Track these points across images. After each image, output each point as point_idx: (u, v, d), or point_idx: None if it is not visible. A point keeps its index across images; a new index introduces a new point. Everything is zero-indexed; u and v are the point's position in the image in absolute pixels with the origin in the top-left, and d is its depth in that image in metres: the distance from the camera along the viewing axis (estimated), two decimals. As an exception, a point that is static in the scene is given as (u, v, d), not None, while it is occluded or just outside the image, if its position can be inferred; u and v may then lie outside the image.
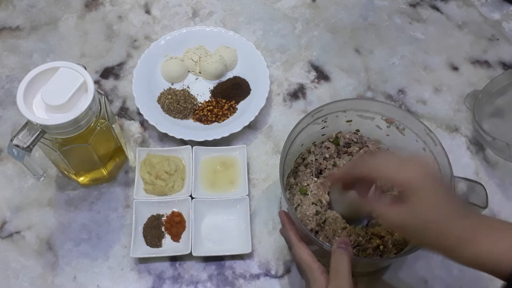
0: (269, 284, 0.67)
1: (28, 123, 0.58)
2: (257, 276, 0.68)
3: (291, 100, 0.83)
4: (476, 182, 0.59)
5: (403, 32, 0.92)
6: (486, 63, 0.88)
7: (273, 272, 0.68)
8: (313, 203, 0.65)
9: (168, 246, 0.69)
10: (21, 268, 0.68)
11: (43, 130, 0.58)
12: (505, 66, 0.88)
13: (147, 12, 0.93)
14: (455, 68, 0.88)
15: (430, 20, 0.93)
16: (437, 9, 0.94)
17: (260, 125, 0.80)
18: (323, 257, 0.56)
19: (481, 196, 0.58)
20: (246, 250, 0.67)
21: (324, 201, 0.65)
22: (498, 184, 0.75)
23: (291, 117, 0.81)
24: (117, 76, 0.85)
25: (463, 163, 0.77)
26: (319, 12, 0.93)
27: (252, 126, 0.80)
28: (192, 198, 0.70)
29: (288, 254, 0.69)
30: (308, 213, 0.63)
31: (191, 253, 0.66)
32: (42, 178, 0.66)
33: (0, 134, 0.78)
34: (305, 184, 0.67)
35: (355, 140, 0.70)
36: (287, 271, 0.68)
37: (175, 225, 0.69)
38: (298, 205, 0.65)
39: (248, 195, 0.71)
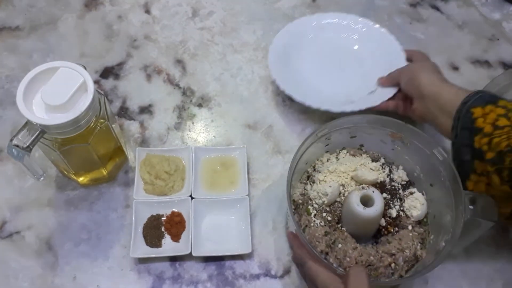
0: (269, 284, 0.67)
1: (27, 123, 0.58)
2: (257, 276, 0.68)
3: (291, 100, 0.83)
4: (486, 196, 0.59)
5: (403, 32, 0.91)
6: (486, 63, 0.88)
7: (273, 272, 0.68)
8: (321, 224, 0.64)
9: (168, 246, 0.69)
10: (21, 268, 0.68)
11: (43, 130, 0.58)
12: (505, 66, 0.88)
13: (147, 12, 0.93)
14: (455, 68, 0.87)
15: (430, 20, 0.93)
16: (437, 9, 0.94)
17: (260, 125, 0.80)
18: None
19: (492, 210, 0.58)
20: (246, 250, 0.67)
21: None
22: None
23: (291, 117, 0.81)
24: (117, 76, 0.85)
25: (463, 163, 0.77)
26: (319, 12, 0.93)
27: (252, 126, 0.80)
28: (192, 198, 0.70)
29: (288, 254, 0.69)
30: (317, 234, 0.63)
31: (191, 253, 0.66)
32: (42, 178, 0.66)
33: (0, 134, 0.78)
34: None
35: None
36: (287, 271, 0.68)
37: (175, 225, 0.69)
38: (306, 226, 0.64)
39: (248, 195, 0.71)
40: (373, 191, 0.62)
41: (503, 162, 0.55)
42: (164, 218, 0.70)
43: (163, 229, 0.70)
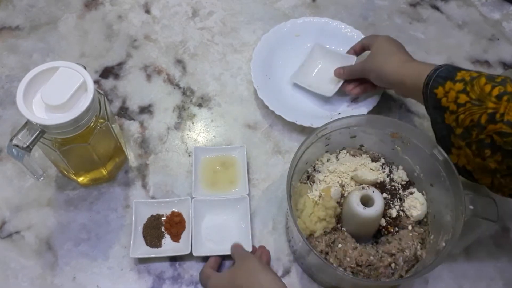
0: (269, 284, 0.67)
1: (27, 123, 0.58)
2: (257, 276, 0.68)
3: (291, 100, 0.83)
4: (486, 196, 0.59)
5: (403, 32, 0.91)
6: (486, 63, 0.88)
7: (273, 272, 0.68)
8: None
9: (168, 246, 0.69)
10: (21, 268, 0.68)
11: (43, 130, 0.58)
12: (505, 66, 0.88)
13: (147, 12, 0.93)
14: (455, 68, 0.87)
15: (430, 20, 0.93)
16: (437, 9, 0.94)
17: (260, 125, 0.80)
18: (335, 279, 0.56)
19: (491, 210, 0.58)
20: (247, 249, 0.67)
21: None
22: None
23: (291, 117, 0.81)
24: (116, 76, 0.85)
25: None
26: (319, 12, 0.93)
27: (252, 126, 0.80)
28: (192, 198, 0.70)
29: (288, 254, 0.69)
30: (316, 234, 0.63)
31: (191, 253, 0.66)
32: (42, 178, 0.66)
33: (0, 134, 0.78)
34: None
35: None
36: (287, 271, 0.68)
37: (175, 225, 0.69)
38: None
39: (248, 194, 0.71)
40: (373, 191, 0.62)
41: (470, 136, 0.58)
42: (164, 218, 0.70)
43: (163, 229, 0.70)
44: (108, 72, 0.85)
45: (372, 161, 0.70)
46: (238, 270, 0.61)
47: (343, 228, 0.64)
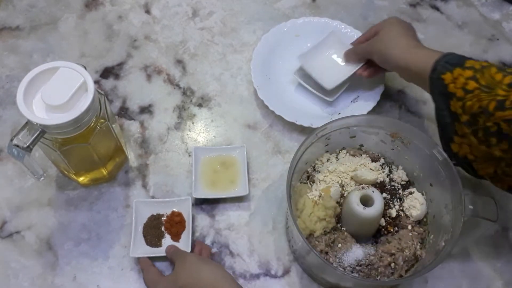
0: (269, 284, 0.67)
1: (28, 123, 0.58)
2: (257, 276, 0.68)
3: (291, 100, 0.83)
4: (486, 196, 0.59)
5: (403, 32, 0.91)
6: (486, 63, 0.88)
7: (273, 272, 0.68)
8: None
9: (168, 246, 0.69)
10: (21, 268, 0.68)
11: (43, 130, 0.58)
12: (505, 66, 0.88)
13: (147, 12, 0.93)
14: (455, 68, 0.87)
15: (430, 20, 0.93)
16: (437, 9, 0.94)
17: (260, 125, 0.80)
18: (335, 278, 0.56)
19: (491, 209, 0.58)
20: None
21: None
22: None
23: (291, 117, 0.81)
24: (117, 76, 0.85)
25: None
26: (319, 12, 0.93)
27: (252, 126, 0.80)
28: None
29: (288, 254, 0.69)
30: (316, 234, 0.63)
31: (191, 252, 0.66)
32: (42, 178, 0.66)
33: (0, 134, 0.78)
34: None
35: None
36: (287, 271, 0.68)
37: (175, 224, 0.70)
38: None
39: (248, 194, 0.71)
40: (373, 191, 0.62)
41: (477, 123, 0.57)
42: (164, 218, 0.70)
43: (163, 228, 0.70)
44: (108, 72, 0.85)
45: (372, 161, 0.70)
46: (179, 271, 0.61)
47: (343, 228, 0.65)
